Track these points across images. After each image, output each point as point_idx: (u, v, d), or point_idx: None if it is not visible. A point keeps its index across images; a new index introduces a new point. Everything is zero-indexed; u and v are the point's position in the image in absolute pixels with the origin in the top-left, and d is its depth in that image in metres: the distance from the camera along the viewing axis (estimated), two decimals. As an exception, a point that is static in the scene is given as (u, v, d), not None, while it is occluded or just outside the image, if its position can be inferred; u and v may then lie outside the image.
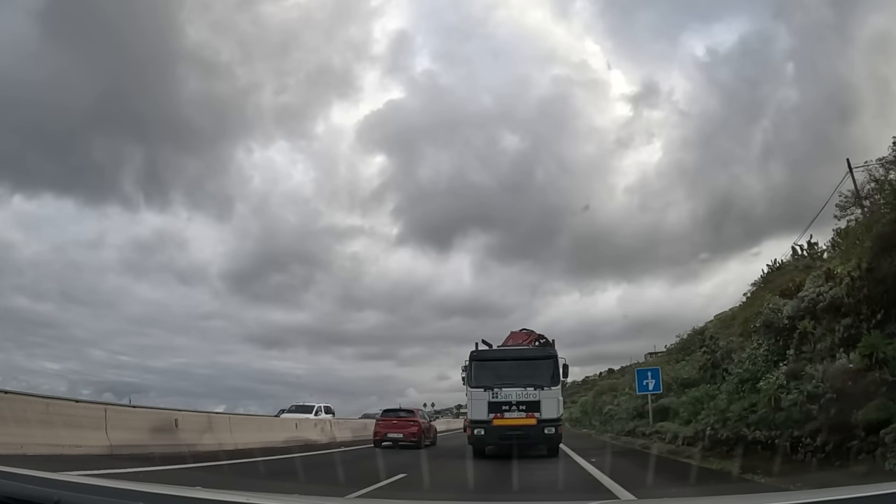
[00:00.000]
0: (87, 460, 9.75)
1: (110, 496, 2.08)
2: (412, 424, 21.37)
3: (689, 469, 11.05)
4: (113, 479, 2.67)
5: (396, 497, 8.55)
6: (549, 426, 14.65)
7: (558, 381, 15.12)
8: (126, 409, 14.05)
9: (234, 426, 16.79)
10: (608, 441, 24.22)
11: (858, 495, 1.98)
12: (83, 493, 2.05)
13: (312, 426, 22.64)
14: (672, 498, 5.44)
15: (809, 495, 2.26)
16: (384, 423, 21.64)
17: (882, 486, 2.03)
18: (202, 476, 9.51)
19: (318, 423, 23.60)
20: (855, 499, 1.94)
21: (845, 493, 2.05)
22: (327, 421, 24.95)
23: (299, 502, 3.64)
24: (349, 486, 8.42)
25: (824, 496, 2.02)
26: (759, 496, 3.97)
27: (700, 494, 7.56)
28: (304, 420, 23.10)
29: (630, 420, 25.44)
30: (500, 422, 14.67)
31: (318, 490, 8.30)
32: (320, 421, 24.38)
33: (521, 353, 16.42)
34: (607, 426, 31.84)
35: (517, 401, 14.75)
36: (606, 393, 40.57)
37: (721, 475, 9.96)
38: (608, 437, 27.19)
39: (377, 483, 8.99)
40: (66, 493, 1.96)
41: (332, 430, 23.94)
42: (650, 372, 21.82)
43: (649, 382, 21.11)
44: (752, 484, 8.59)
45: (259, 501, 2.64)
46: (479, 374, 15.33)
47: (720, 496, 4.62)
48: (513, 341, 18.01)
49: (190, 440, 13.98)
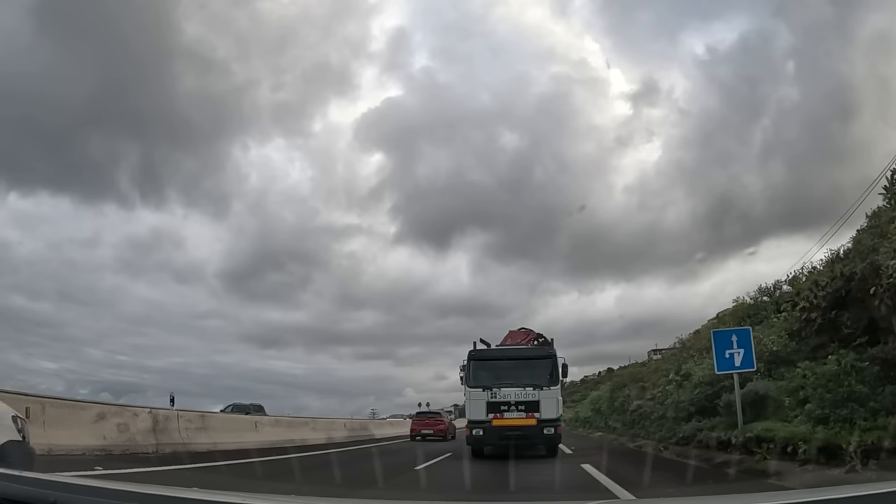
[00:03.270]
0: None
1: (107, 497, 2.07)
2: (439, 423, 27.94)
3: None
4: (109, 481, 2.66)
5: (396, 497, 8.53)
6: (549, 426, 14.56)
7: (557, 381, 15.00)
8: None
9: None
10: (659, 454, 15.34)
11: (858, 494, 1.98)
12: (80, 495, 2.04)
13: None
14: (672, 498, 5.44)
15: (809, 495, 2.25)
16: (418, 422, 28.43)
17: (881, 485, 2.02)
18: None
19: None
20: (854, 498, 1.94)
21: (845, 492, 2.05)
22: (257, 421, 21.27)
23: (298, 502, 3.63)
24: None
25: (824, 496, 2.01)
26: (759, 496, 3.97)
27: (700, 494, 7.55)
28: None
29: (684, 420, 15.97)
30: (499, 422, 14.58)
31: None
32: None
33: (520, 352, 16.37)
34: (637, 429, 22.53)
35: (516, 401, 14.65)
36: (630, 384, 29.51)
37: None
38: (649, 447, 17.48)
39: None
40: (63, 495, 1.95)
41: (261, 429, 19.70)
42: (735, 336, 12.78)
43: (735, 354, 12.45)
44: (752, 483, 8.58)
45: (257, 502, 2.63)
46: (478, 373, 15.23)
47: (720, 496, 4.61)
48: (511, 340, 17.98)
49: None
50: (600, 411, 37.02)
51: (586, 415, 44.94)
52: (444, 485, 9.92)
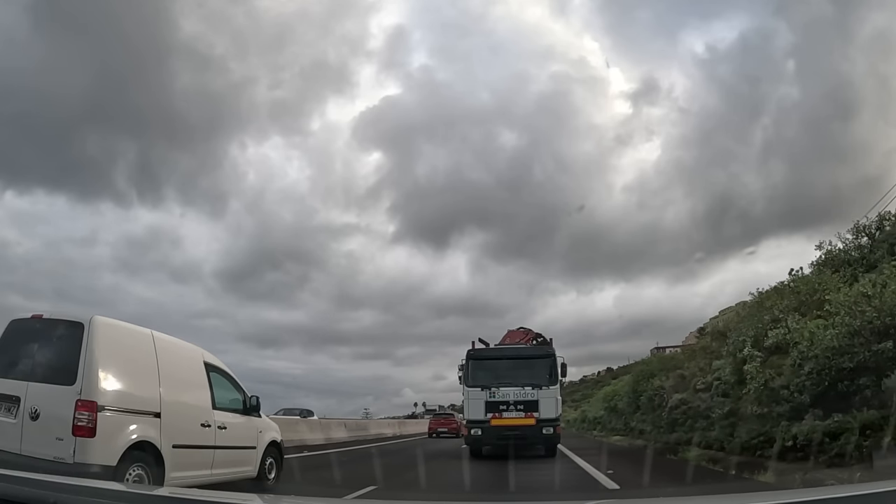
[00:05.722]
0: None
1: (107, 497, 2.07)
2: (452, 422, 31.76)
3: None
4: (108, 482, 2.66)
5: (397, 497, 8.54)
6: (548, 426, 14.49)
7: (557, 381, 14.92)
8: None
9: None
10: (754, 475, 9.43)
11: (858, 494, 1.98)
12: (80, 495, 2.04)
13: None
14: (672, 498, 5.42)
15: (809, 494, 2.26)
16: (435, 422, 33.95)
17: (881, 485, 2.02)
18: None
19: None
20: (854, 498, 1.94)
21: (845, 492, 2.05)
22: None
23: (298, 502, 3.64)
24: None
25: (824, 495, 2.02)
26: (759, 495, 3.97)
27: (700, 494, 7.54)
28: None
29: (786, 416, 10.11)
30: (497, 422, 14.50)
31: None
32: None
33: (519, 351, 16.31)
34: (681, 432, 15.58)
35: (515, 400, 14.58)
36: (659, 374, 21.48)
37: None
38: (700, 458, 12.14)
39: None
40: (63, 495, 1.95)
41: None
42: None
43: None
44: (752, 483, 8.57)
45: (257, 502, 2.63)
46: (477, 373, 15.14)
47: (720, 496, 4.61)
48: (510, 340, 17.90)
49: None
50: (616, 410, 30.28)
51: (596, 414, 39.42)
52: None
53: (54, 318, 6.30)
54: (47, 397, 5.70)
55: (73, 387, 5.62)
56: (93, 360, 5.74)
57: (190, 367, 7.27)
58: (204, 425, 7.04)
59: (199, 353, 7.63)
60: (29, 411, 5.65)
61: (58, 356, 6.00)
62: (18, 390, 5.77)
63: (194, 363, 7.39)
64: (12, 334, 6.31)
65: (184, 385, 7.00)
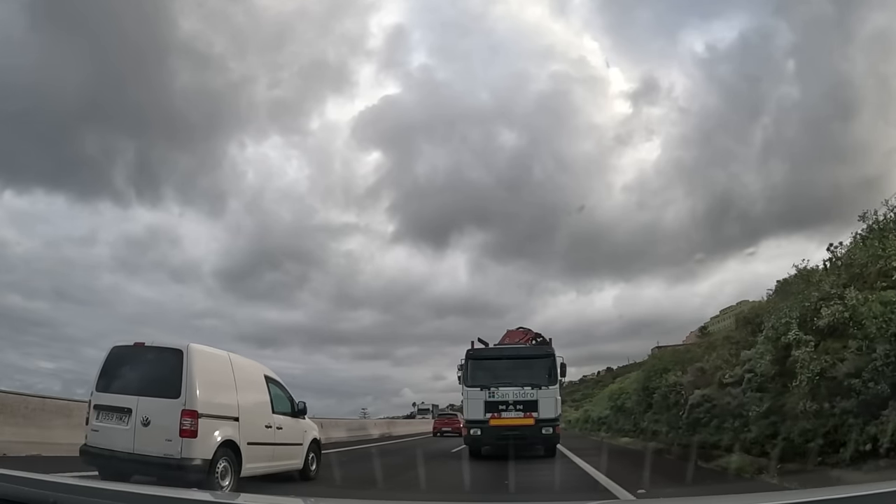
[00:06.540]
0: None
1: (107, 497, 2.06)
2: (455, 422, 32.65)
3: None
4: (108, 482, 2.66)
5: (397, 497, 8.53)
6: (547, 426, 14.49)
7: (556, 381, 14.91)
8: None
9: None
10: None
11: (858, 494, 1.98)
12: (80, 495, 2.03)
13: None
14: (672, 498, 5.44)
15: (809, 495, 2.25)
16: (440, 422, 36.37)
17: (881, 485, 2.02)
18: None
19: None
20: (854, 498, 1.94)
21: (845, 492, 2.05)
22: None
23: (298, 502, 3.64)
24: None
25: (824, 496, 2.01)
26: (759, 495, 3.97)
27: (700, 494, 7.55)
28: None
29: (853, 412, 8.10)
30: (497, 422, 14.51)
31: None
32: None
33: (519, 351, 16.30)
34: (706, 433, 13.03)
35: (514, 400, 14.58)
36: (674, 368, 18.10)
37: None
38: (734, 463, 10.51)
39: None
40: (63, 495, 1.95)
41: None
42: None
43: None
44: (752, 483, 8.57)
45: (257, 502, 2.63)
46: (476, 372, 15.14)
47: (720, 496, 4.62)
48: (510, 340, 17.88)
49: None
50: (624, 409, 27.42)
51: (601, 414, 36.42)
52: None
53: (156, 346, 7.59)
54: (156, 408, 7.04)
55: (178, 399, 6.97)
56: (192, 378, 7.13)
57: (255, 380, 8.75)
58: (267, 426, 8.56)
59: (260, 368, 9.12)
60: (140, 419, 6.97)
61: (163, 375, 7.25)
62: (130, 403, 7.09)
63: (258, 376, 8.87)
64: (115, 358, 7.58)
65: (253, 395, 8.44)
